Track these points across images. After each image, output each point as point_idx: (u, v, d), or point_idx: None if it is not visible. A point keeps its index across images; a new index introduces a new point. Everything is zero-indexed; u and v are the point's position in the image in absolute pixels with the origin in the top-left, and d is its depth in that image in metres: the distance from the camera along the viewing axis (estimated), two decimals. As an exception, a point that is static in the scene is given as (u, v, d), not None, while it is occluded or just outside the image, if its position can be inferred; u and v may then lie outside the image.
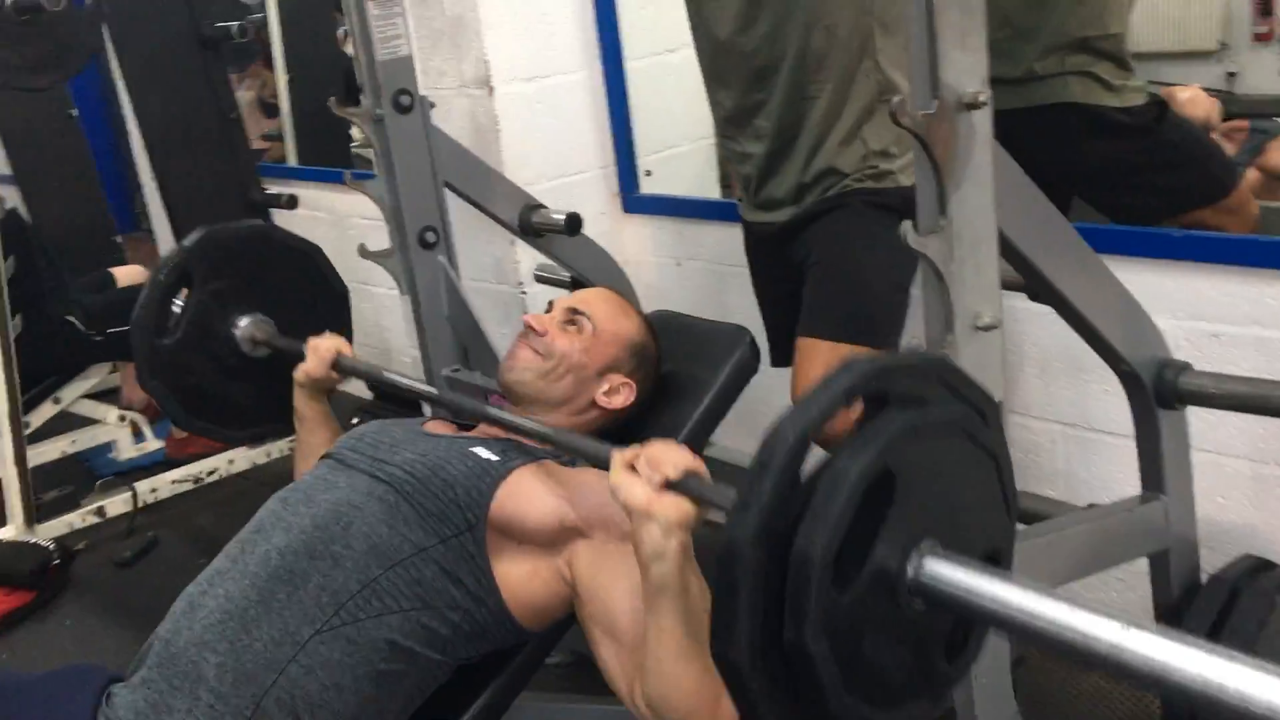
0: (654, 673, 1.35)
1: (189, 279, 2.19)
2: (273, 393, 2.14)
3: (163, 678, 1.48)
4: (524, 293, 2.90)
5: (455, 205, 2.36)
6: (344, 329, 2.23)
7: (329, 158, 4.16)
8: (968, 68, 1.33)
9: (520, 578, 1.57)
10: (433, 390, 2.02)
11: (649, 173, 3.00)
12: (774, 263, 2.16)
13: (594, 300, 1.85)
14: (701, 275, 2.92)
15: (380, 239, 2.31)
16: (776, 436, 0.96)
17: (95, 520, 3.40)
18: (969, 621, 1.08)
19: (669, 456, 1.28)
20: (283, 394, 2.05)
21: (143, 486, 3.47)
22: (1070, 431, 2.36)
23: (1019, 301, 1.74)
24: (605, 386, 1.79)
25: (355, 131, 3.75)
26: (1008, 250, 1.52)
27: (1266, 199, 2.53)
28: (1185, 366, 1.67)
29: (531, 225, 2.40)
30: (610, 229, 3.02)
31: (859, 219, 1.97)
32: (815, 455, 0.98)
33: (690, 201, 2.97)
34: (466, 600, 1.54)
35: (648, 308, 2.56)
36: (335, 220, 3.83)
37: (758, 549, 0.94)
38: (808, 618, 0.93)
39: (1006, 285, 1.54)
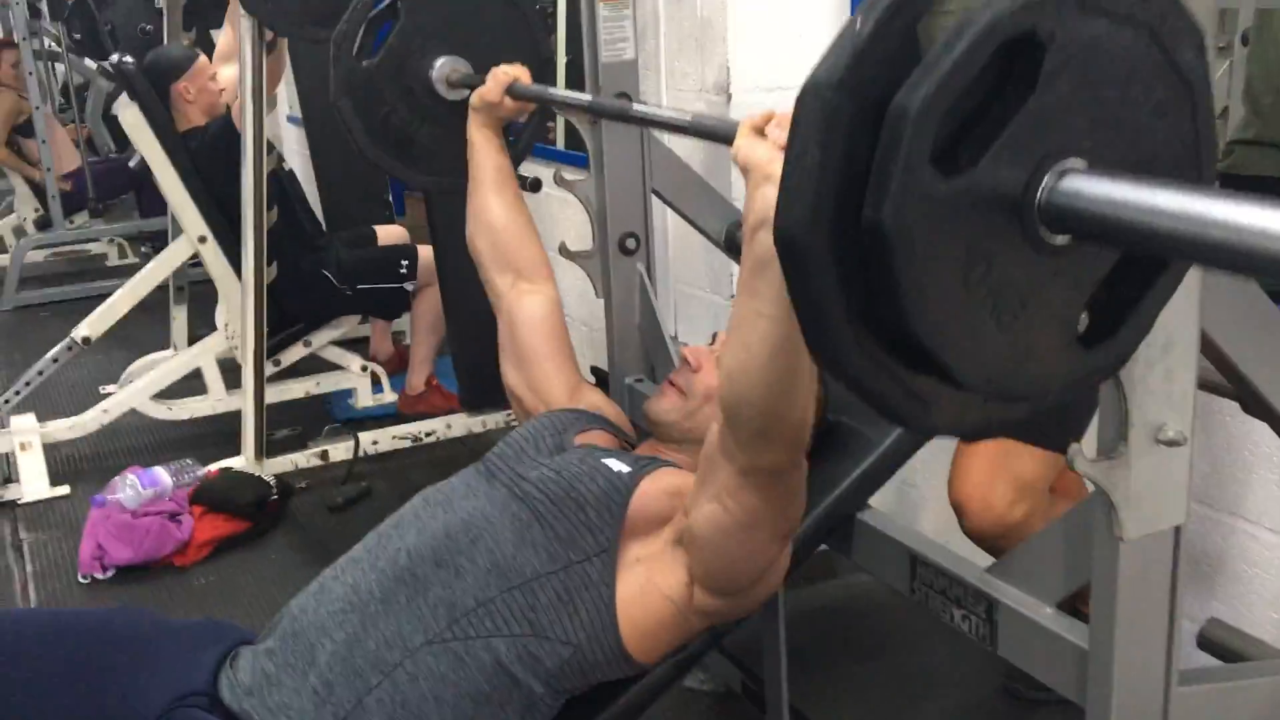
0: (740, 369, 1.23)
1: (396, 6, 2.14)
2: (457, 145, 2.07)
3: (282, 651, 1.53)
4: (736, 306, 2.84)
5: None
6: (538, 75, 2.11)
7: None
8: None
9: (635, 594, 1.53)
10: (586, 98, 1.91)
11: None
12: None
13: None
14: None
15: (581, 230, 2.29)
16: None
17: (318, 462, 3.61)
18: (1128, 284, 0.87)
19: None
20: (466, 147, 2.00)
21: (365, 437, 3.65)
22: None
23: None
24: (764, 424, 1.72)
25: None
26: (1212, 353, 1.34)
27: None
28: None
29: (737, 243, 2.32)
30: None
31: None
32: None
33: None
34: (579, 633, 1.51)
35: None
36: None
37: (841, 93, 0.76)
38: (890, 190, 0.75)
39: (1209, 387, 1.36)
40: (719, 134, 1.39)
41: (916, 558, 1.63)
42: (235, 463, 3.48)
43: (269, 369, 3.63)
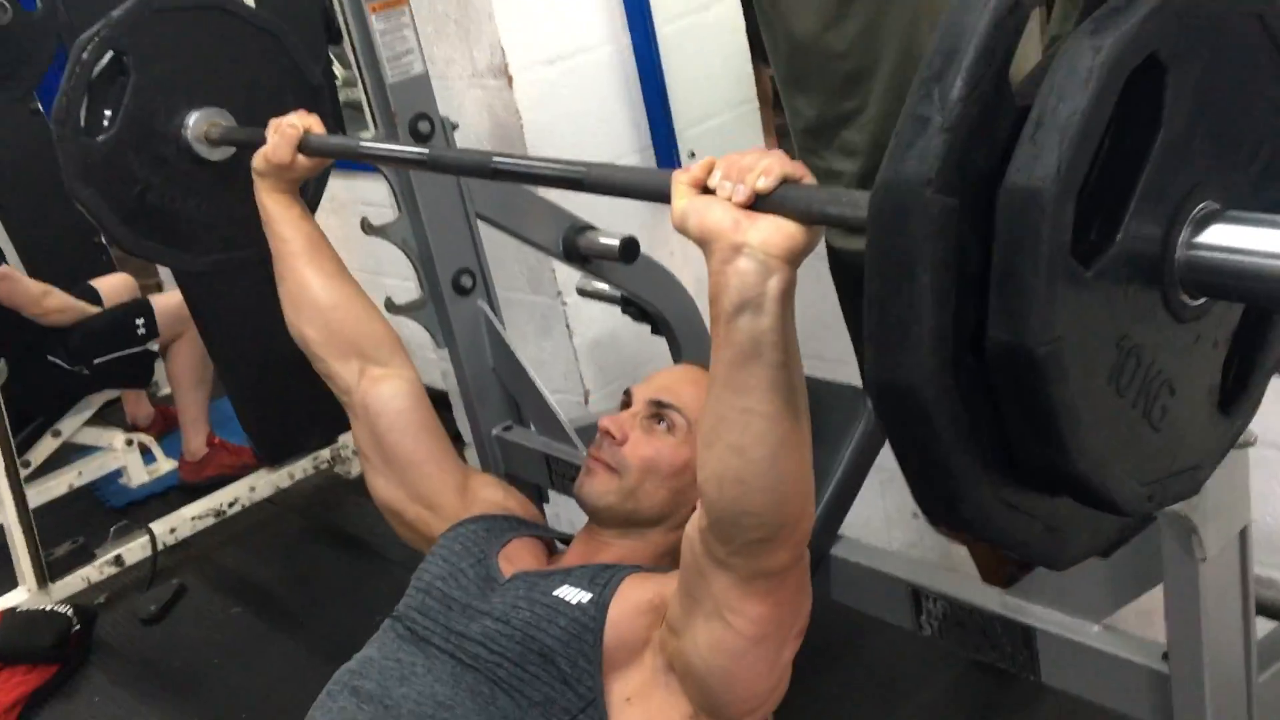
0: (734, 478, 1.02)
1: (123, 62, 1.74)
2: (236, 211, 1.72)
3: None
4: (564, 304, 2.58)
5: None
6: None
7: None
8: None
9: None
10: (424, 152, 1.49)
11: (693, 154, 2.65)
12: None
13: (680, 386, 1.52)
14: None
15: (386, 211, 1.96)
16: (964, 5, 0.60)
17: (113, 570, 3.14)
18: (1255, 330, 0.75)
19: (755, 161, 0.92)
20: (252, 207, 1.63)
21: (160, 528, 3.19)
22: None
23: None
24: (710, 488, 1.49)
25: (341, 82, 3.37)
26: None
27: None
28: None
29: (578, 250, 2.07)
30: (652, 218, 2.68)
31: None
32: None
33: (744, 186, 2.62)
34: None
35: (703, 304, 2.26)
36: (336, 207, 3.49)
37: (944, 193, 0.59)
38: (1032, 300, 0.59)
39: None
40: (639, 190, 1.13)
41: (920, 591, 1.47)
42: (15, 598, 2.98)
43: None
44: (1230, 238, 0.68)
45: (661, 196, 1.03)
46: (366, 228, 1.91)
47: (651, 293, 2.14)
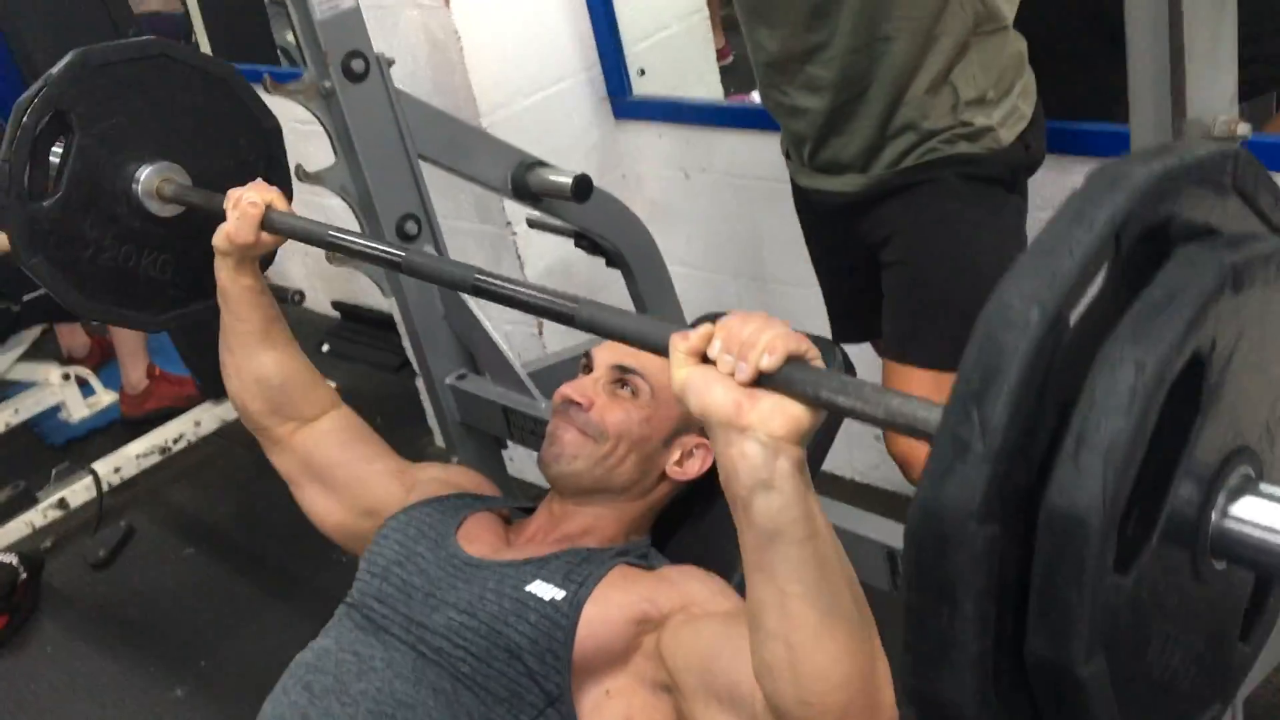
0: (786, 667, 0.95)
1: (66, 120, 1.63)
2: (193, 262, 1.66)
3: None
4: (514, 234, 2.49)
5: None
6: (277, 177, 1.72)
7: (247, 50, 3.61)
8: (1219, 90, 0.95)
9: None
10: (400, 254, 1.36)
11: (642, 71, 2.54)
12: (837, 238, 1.77)
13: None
14: (717, 189, 2.51)
15: (323, 150, 1.84)
16: (1004, 318, 0.58)
17: (58, 514, 3.05)
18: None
19: (758, 335, 0.88)
20: (207, 263, 1.56)
21: (104, 467, 3.11)
22: None
23: None
24: (676, 454, 1.44)
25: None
26: None
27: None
28: None
29: (528, 189, 1.97)
30: (602, 140, 2.58)
31: (954, 200, 1.58)
32: None
33: (697, 106, 2.52)
34: None
35: (656, 229, 2.19)
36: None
37: (988, 523, 0.58)
38: (1076, 624, 0.59)
39: None
40: (636, 340, 1.04)
41: (895, 554, 1.44)
42: (-43, 550, 2.89)
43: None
44: (1262, 514, 0.65)
45: (659, 350, 0.96)
46: (301, 175, 1.80)
47: (605, 227, 2.05)
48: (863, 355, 1.88)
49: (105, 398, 3.54)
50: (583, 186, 1.92)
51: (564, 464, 1.41)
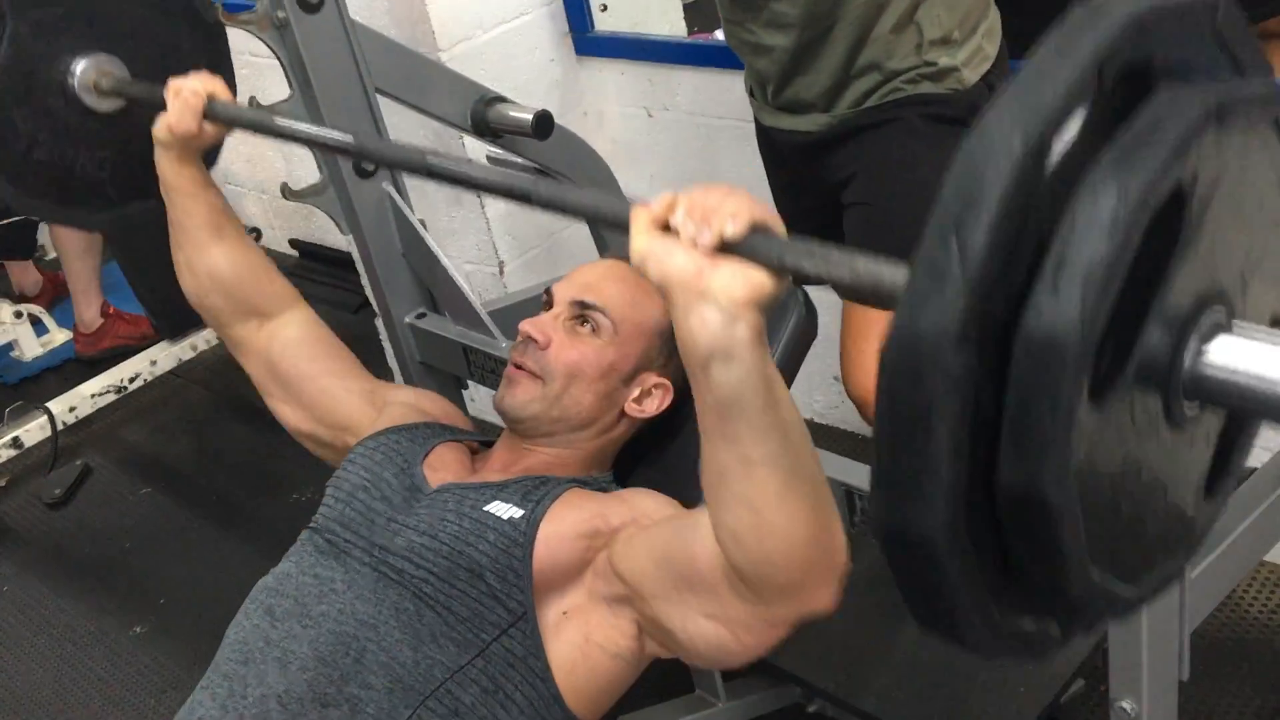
0: (749, 531, 0.97)
1: None
2: (133, 161, 1.62)
3: None
4: (474, 171, 2.45)
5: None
6: (220, 74, 1.62)
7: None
8: None
9: (575, 659, 1.26)
10: (349, 138, 1.32)
11: (604, 7, 2.50)
12: (799, 177, 1.76)
13: (604, 284, 1.44)
14: (680, 128, 2.49)
15: (277, 83, 1.79)
16: (985, 147, 0.58)
17: (12, 453, 3.01)
18: (1244, 425, 0.76)
19: (722, 203, 0.87)
20: (148, 163, 1.52)
21: (58, 407, 3.06)
22: None
23: None
24: (635, 392, 1.44)
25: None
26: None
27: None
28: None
29: (488, 125, 1.95)
30: (564, 77, 2.55)
31: (916, 141, 1.57)
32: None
33: (660, 44, 2.49)
34: None
35: (618, 168, 2.17)
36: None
37: (964, 350, 0.58)
38: (1050, 449, 0.59)
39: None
40: (596, 217, 1.04)
41: (854, 492, 1.45)
42: (-91, 488, 2.85)
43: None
44: (1234, 353, 0.65)
45: (620, 226, 0.94)
46: (255, 108, 1.76)
47: (566, 165, 2.03)
48: (823, 297, 1.88)
49: (59, 336, 3.49)
50: (544, 123, 1.90)
51: (516, 410, 1.41)
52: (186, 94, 1.45)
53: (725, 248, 0.85)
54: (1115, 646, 1.26)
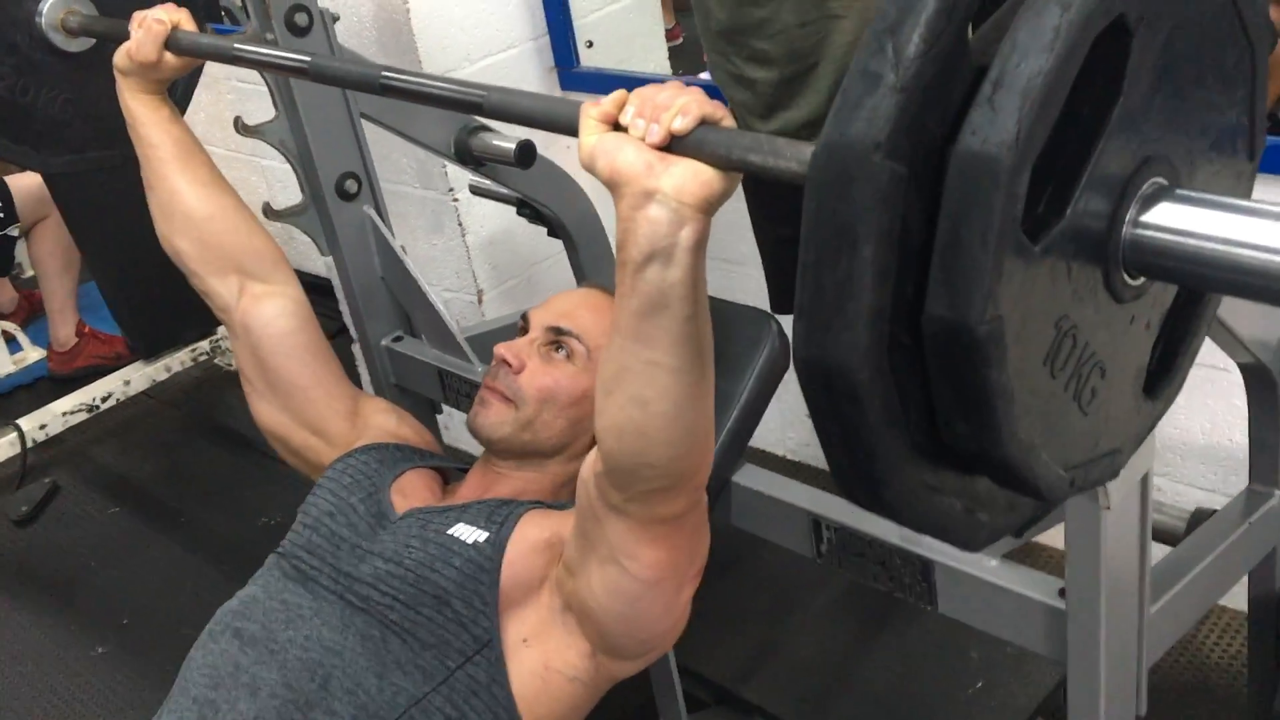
0: (635, 429, 0.99)
1: None
2: (97, 106, 1.60)
3: None
4: (456, 200, 2.48)
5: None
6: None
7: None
8: None
9: (537, 687, 1.27)
10: (305, 58, 1.29)
11: (590, 43, 2.54)
12: (778, 208, 1.79)
13: (580, 311, 1.46)
14: (660, 164, 2.51)
15: (264, 109, 1.82)
16: None
17: (-21, 470, 2.99)
18: (1188, 317, 0.75)
19: (672, 99, 0.85)
20: (113, 109, 1.50)
21: (29, 424, 3.05)
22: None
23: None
24: (607, 419, 1.45)
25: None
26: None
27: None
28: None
29: (471, 153, 1.96)
30: (548, 110, 2.57)
31: None
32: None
33: (645, 80, 2.51)
34: None
35: (599, 200, 2.18)
36: (209, 82, 3.28)
37: (894, 159, 0.55)
38: (978, 276, 0.56)
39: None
40: (544, 120, 1.05)
41: (820, 520, 1.46)
42: (-127, 502, 2.83)
43: None
44: (1176, 218, 0.65)
45: (568, 129, 0.95)
46: (240, 128, 1.78)
47: (548, 196, 2.05)
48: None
49: (32, 354, 3.47)
50: (526, 152, 1.92)
51: (491, 431, 1.42)
52: (150, 22, 1.43)
53: (675, 144, 0.84)
54: (1074, 682, 1.27)
